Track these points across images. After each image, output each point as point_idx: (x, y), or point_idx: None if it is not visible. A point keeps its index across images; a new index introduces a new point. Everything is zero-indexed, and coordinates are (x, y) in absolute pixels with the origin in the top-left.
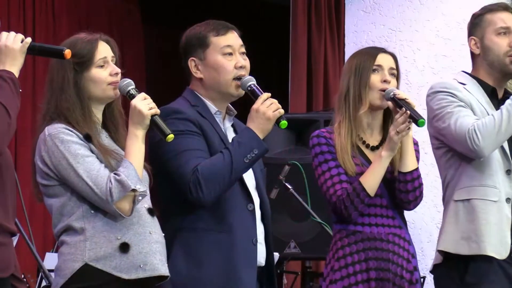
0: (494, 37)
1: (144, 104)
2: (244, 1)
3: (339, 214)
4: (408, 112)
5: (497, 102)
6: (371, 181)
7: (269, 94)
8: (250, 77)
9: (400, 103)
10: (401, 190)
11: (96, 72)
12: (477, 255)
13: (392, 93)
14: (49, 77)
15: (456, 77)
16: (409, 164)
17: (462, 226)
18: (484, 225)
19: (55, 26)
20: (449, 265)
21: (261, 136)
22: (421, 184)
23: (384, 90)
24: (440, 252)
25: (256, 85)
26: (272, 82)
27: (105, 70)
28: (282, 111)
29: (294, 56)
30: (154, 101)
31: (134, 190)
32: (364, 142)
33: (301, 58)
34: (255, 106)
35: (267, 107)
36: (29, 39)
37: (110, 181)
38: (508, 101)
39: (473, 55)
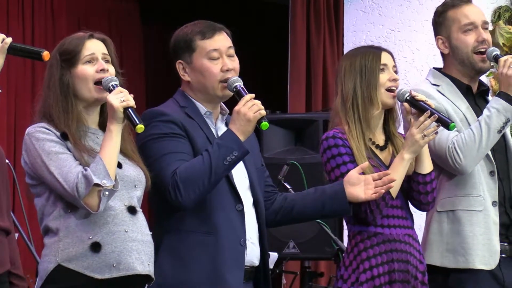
0: (461, 35)
1: (116, 97)
2: (243, 1)
3: (363, 217)
4: (436, 115)
5: (473, 98)
6: (395, 183)
7: (253, 95)
8: (237, 78)
9: (422, 105)
10: (421, 192)
11: (82, 69)
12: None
13: (408, 94)
14: (44, 75)
15: (429, 78)
16: (427, 165)
17: (447, 238)
18: (471, 237)
19: (54, 26)
20: (433, 273)
21: (242, 138)
22: (436, 186)
23: (390, 90)
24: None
25: (242, 86)
26: (271, 82)
27: (92, 66)
28: (263, 112)
29: (293, 56)
30: (153, 101)
31: (98, 185)
32: (373, 143)
33: (300, 58)
34: (236, 107)
35: (248, 108)
36: (9, 39)
37: (78, 176)
38: (485, 112)
39: (443, 53)
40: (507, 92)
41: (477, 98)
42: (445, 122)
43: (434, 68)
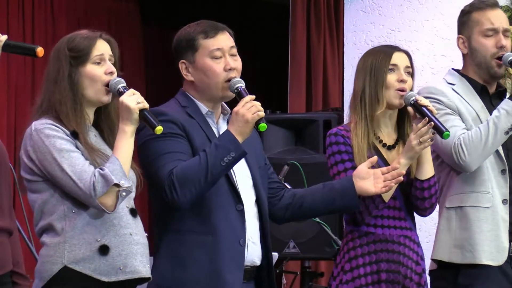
0: (481, 38)
1: (131, 99)
2: (244, 0)
3: (352, 216)
4: (432, 123)
5: (489, 98)
6: None
7: (253, 97)
8: (239, 79)
9: (423, 111)
10: (417, 197)
11: (91, 68)
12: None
13: (413, 99)
14: (46, 70)
15: (446, 77)
16: (426, 171)
17: (455, 234)
18: (478, 233)
19: (54, 26)
20: (444, 269)
21: (240, 139)
22: (437, 191)
23: (401, 90)
24: (434, 260)
25: (243, 87)
26: (271, 82)
27: (101, 67)
28: (261, 114)
29: (293, 56)
30: (153, 101)
31: (117, 185)
32: (381, 141)
33: (300, 58)
34: (235, 108)
35: (247, 109)
36: (4, 37)
37: (94, 175)
38: (495, 113)
39: (462, 53)
40: None
41: (493, 99)
42: (439, 129)
43: (452, 68)
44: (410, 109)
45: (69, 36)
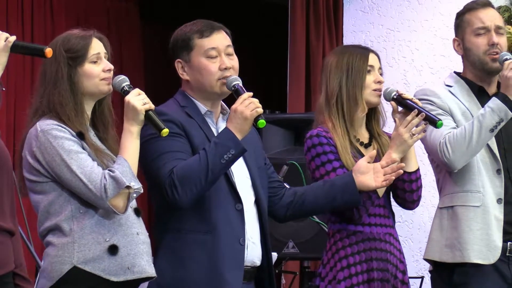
0: (473, 37)
1: (138, 99)
2: (243, 1)
3: (348, 215)
4: (424, 114)
5: (487, 99)
6: None
7: (250, 94)
8: (236, 77)
9: (409, 104)
10: (406, 190)
11: (89, 67)
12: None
13: (395, 93)
14: (42, 71)
15: (445, 80)
16: (413, 163)
17: (446, 234)
18: (467, 232)
19: (53, 26)
20: (440, 268)
21: (239, 136)
22: (421, 184)
23: (377, 90)
24: (427, 260)
25: (240, 85)
26: (270, 81)
27: (98, 65)
28: (260, 110)
29: (293, 56)
30: (153, 100)
31: (128, 187)
32: (358, 140)
33: (300, 58)
34: (234, 106)
35: (245, 106)
36: (13, 38)
37: (105, 177)
38: (480, 111)
39: (459, 55)
40: (505, 93)
41: None
42: (432, 120)
43: (454, 71)
44: (393, 103)
45: (63, 36)
